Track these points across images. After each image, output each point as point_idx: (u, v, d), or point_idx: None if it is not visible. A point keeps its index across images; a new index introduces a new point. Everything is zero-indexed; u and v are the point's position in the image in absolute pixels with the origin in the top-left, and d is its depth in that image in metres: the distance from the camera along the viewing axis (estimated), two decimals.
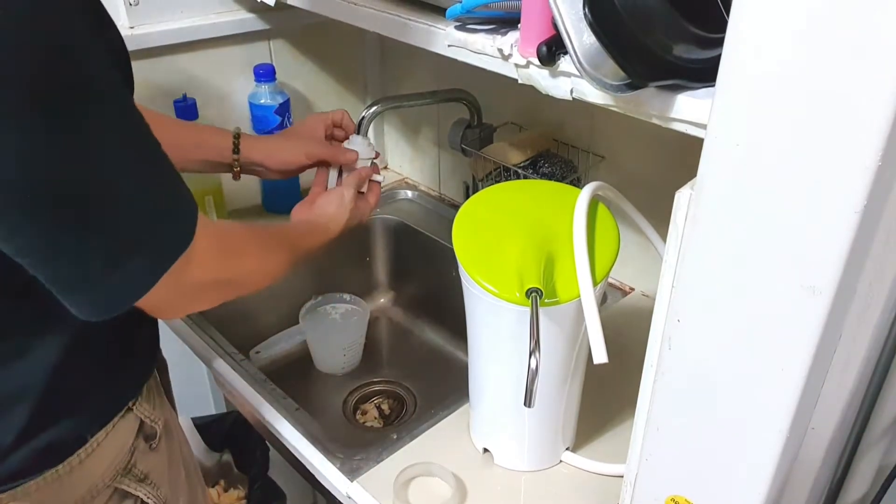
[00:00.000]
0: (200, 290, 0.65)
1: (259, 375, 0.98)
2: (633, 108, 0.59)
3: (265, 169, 1.01)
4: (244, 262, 0.71)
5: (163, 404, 0.79)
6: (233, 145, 0.98)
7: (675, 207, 0.47)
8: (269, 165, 1.01)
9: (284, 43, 1.30)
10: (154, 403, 0.76)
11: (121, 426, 0.71)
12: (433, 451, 0.86)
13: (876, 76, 0.35)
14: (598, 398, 0.89)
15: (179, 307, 0.67)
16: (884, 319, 0.51)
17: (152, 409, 0.75)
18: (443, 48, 0.75)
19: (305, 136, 1.03)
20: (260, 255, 0.74)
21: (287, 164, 1.01)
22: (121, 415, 0.71)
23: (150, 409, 0.75)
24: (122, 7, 1.09)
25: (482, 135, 1.17)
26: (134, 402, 0.73)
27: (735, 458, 0.51)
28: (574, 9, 0.55)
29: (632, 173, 1.06)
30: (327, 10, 0.92)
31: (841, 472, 0.60)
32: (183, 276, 0.60)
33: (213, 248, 0.64)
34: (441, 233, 1.30)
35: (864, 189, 0.37)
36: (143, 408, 0.74)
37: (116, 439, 0.70)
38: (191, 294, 0.65)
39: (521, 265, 0.70)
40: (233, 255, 0.69)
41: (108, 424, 0.69)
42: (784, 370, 0.45)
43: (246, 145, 0.99)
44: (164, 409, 0.79)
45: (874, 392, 0.55)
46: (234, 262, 0.69)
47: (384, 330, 1.37)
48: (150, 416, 0.75)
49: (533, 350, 0.64)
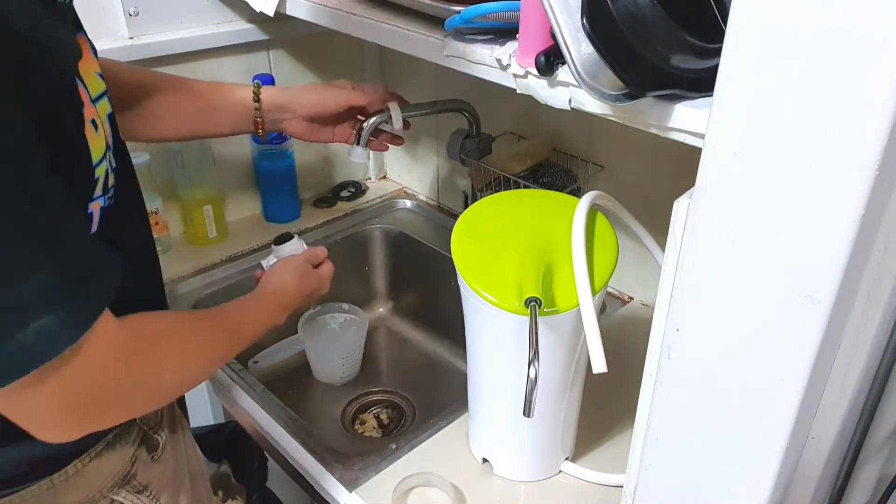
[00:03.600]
0: (93, 401, 0.54)
1: (257, 385, 0.98)
2: (632, 117, 0.59)
3: (291, 116, 0.96)
4: (160, 359, 0.60)
5: (171, 412, 0.77)
6: (253, 94, 0.93)
7: (674, 217, 0.47)
8: (296, 108, 0.95)
9: (284, 53, 1.30)
10: (160, 412, 0.75)
11: (121, 437, 0.69)
12: (432, 461, 0.86)
13: (873, 86, 0.35)
14: (598, 408, 0.89)
15: (62, 424, 0.55)
16: (883, 328, 0.51)
17: (157, 419, 0.74)
18: (441, 59, 0.76)
19: (333, 85, 0.99)
20: (183, 347, 0.64)
21: (315, 106, 0.95)
22: (122, 425, 0.70)
23: (153, 420, 0.73)
24: (122, 18, 1.10)
25: (481, 145, 1.17)
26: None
27: (735, 468, 0.50)
28: (572, 19, 0.56)
29: (630, 183, 1.07)
30: (326, 20, 0.92)
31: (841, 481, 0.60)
32: (70, 383, 0.50)
33: (115, 348, 0.54)
34: (440, 242, 1.30)
35: (862, 198, 0.37)
36: (146, 418, 0.72)
37: (116, 450, 0.69)
38: (81, 407, 0.54)
39: (520, 275, 0.70)
40: (145, 354, 0.58)
41: (108, 435, 0.68)
42: (783, 379, 0.44)
43: (268, 93, 0.94)
44: (172, 417, 0.77)
45: (874, 401, 0.55)
46: (147, 361, 0.58)
47: (383, 339, 1.37)
48: (154, 426, 0.73)
49: (532, 359, 0.64)
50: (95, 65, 0.62)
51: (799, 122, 0.38)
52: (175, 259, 1.23)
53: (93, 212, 0.57)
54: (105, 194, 0.59)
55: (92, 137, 0.56)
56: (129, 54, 1.11)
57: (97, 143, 0.57)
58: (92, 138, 0.56)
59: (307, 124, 0.98)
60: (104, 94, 0.62)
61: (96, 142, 0.56)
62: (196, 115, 0.93)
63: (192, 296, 1.16)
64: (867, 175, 0.37)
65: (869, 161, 0.36)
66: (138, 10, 1.10)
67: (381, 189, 1.49)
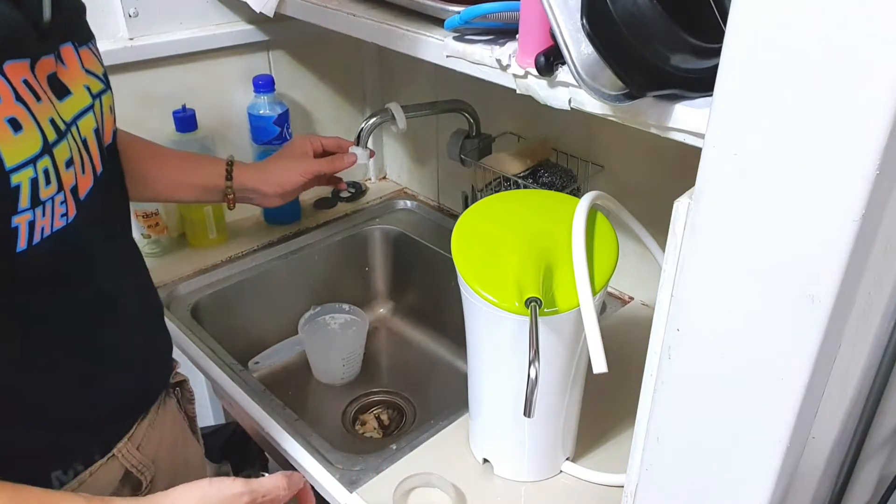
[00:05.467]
0: None
1: (258, 386, 0.98)
2: (632, 117, 0.59)
3: (260, 194, 1.01)
4: None
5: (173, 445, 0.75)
6: (226, 172, 0.98)
7: (674, 217, 0.47)
8: (264, 190, 1.00)
9: (283, 54, 1.30)
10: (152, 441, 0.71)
11: (100, 475, 0.67)
12: (433, 462, 0.86)
13: (873, 86, 0.35)
14: (598, 408, 0.89)
15: None
16: (883, 328, 0.51)
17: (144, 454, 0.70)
18: (441, 59, 0.75)
19: (297, 155, 1.03)
20: None
21: (282, 185, 1.00)
22: (101, 462, 0.67)
23: (138, 456, 0.70)
24: (122, 18, 1.10)
25: (481, 145, 1.17)
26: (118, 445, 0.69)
27: (736, 468, 0.50)
28: (572, 19, 0.56)
29: (630, 183, 1.07)
30: (326, 21, 0.92)
31: (842, 481, 0.60)
32: None
33: None
34: (440, 243, 1.30)
35: (862, 198, 0.37)
36: (131, 454, 0.69)
37: (93, 488, 0.65)
38: None
39: (521, 275, 0.70)
40: None
41: (84, 472, 0.65)
42: (784, 379, 0.44)
43: (239, 172, 0.98)
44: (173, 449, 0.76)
45: (874, 401, 0.55)
46: None
47: (383, 340, 1.37)
48: (138, 464, 0.70)
49: (532, 360, 0.64)
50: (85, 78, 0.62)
51: (799, 122, 0.38)
52: (175, 260, 1.23)
53: (17, 226, 0.53)
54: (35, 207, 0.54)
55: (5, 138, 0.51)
56: (128, 55, 1.11)
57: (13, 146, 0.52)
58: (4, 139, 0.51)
59: (278, 198, 1.03)
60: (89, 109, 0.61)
61: (11, 144, 0.52)
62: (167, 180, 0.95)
63: (192, 297, 1.16)
64: (867, 175, 0.37)
65: (869, 161, 0.36)
66: (138, 11, 1.10)
67: (381, 189, 1.50)
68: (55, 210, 0.57)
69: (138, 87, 1.15)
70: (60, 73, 0.59)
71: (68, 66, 0.60)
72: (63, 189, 0.57)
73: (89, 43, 0.65)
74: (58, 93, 0.58)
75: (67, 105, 0.59)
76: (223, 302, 1.20)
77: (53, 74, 0.58)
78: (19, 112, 0.53)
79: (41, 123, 0.55)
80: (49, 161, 0.55)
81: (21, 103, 0.53)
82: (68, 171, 0.58)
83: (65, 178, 0.58)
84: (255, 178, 0.99)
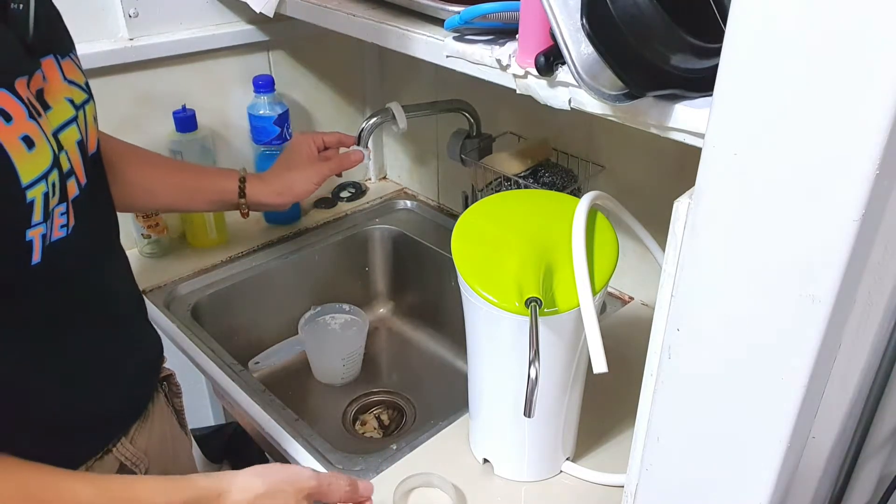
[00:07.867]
0: None
1: (258, 386, 0.98)
2: (632, 117, 0.59)
3: (274, 206, 1.03)
4: None
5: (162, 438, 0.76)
6: (238, 189, 0.98)
7: (674, 217, 0.47)
8: (278, 202, 1.01)
9: (283, 54, 1.30)
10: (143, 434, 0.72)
11: (95, 469, 0.67)
12: (433, 462, 0.86)
13: (873, 85, 0.35)
14: (599, 408, 0.89)
15: None
16: (883, 327, 0.51)
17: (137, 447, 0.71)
18: (441, 59, 0.76)
19: (304, 162, 1.04)
20: None
21: (296, 196, 1.02)
22: (97, 457, 0.67)
23: (132, 450, 0.70)
24: (122, 19, 1.10)
25: (481, 145, 1.17)
26: (115, 442, 0.69)
27: (736, 468, 0.50)
28: (572, 19, 0.56)
29: (631, 183, 1.07)
30: (326, 21, 0.92)
31: (842, 481, 0.60)
32: None
33: None
34: (440, 243, 1.30)
35: (862, 198, 0.37)
36: (125, 448, 0.70)
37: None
38: None
39: (521, 275, 0.70)
40: None
41: (80, 468, 0.65)
42: (784, 379, 0.44)
43: (253, 189, 0.99)
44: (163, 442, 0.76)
45: (874, 401, 0.55)
46: None
47: (383, 340, 1.37)
48: (133, 457, 0.71)
49: (532, 360, 0.64)
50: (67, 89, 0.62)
51: (799, 122, 0.38)
52: (175, 260, 1.23)
53: (32, 240, 0.54)
54: (46, 220, 0.55)
55: (20, 156, 0.52)
56: (129, 56, 1.11)
57: (28, 163, 0.53)
58: (20, 157, 0.52)
59: (290, 205, 1.05)
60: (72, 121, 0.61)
61: (27, 161, 0.53)
62: (175, 190, 0.96)
63: (192, 297, 1.16)
64: (867, 175, 0.37)
65: (869, 161, 0.36)
66: (138, 12, 1.10)
67: (382, 189, 1.50)
68: (55, 221, 0.58)
69: (138, 87, 1.15)
70: (44, 88, 0.59)
71: (49, 80, 0.60)
72: (66, 200, 0.59)
73: (71, 53, 0.65)
74: (42, 107, 0.59)
75: (49, 119, 0.59)
76: (223, 302, 1.20)
77: (41, 90, 0.58)
78: (31, 129, 0.54)
79: (49, 139, 0.56)
80: (57, 175, 0.57)
81: (33, 120, 0.54)
82: (70, 182, 0.60)
83: (68, 188, 0.59)
84: (268, 193, 1.00)
